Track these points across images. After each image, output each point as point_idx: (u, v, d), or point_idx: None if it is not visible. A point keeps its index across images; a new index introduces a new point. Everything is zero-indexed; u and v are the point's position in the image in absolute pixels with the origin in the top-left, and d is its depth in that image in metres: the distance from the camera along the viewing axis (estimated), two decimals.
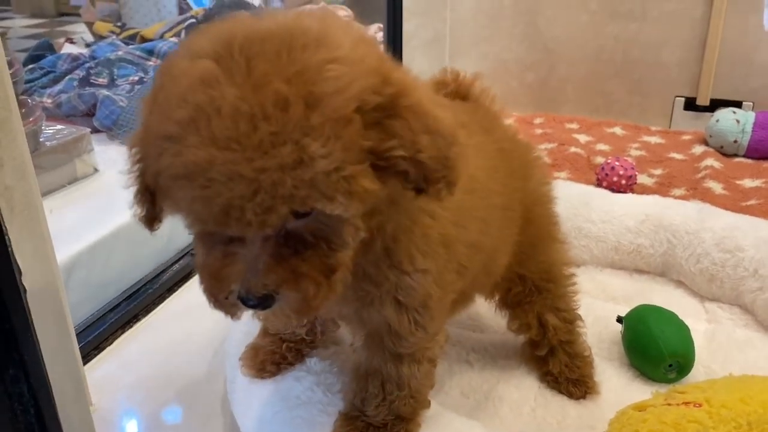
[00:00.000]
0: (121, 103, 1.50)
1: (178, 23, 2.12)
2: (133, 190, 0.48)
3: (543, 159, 0.79)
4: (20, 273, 0.60)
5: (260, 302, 0.44)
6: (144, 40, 2.11)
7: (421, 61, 1.87)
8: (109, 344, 0.96)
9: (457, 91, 0.74)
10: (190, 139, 0.39)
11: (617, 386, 0.81)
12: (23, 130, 0.61)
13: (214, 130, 0.39)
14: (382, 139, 0.42)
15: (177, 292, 1.08)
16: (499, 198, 0.65)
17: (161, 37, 2.08)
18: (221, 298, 0.45)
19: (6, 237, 0.57)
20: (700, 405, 0.64)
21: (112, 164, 1.38)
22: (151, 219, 0.49)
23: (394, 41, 1.84)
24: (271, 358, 0.72)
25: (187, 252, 1.16)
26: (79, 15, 2.87)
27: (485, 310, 0.94)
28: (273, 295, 0.43)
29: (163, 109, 0.42)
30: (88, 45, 2.63)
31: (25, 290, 0.60)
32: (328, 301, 0.46)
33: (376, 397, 0.61)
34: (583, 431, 0.75)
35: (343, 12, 2.19)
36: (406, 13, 1.83)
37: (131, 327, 1.00)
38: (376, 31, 2.13)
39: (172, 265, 1.12)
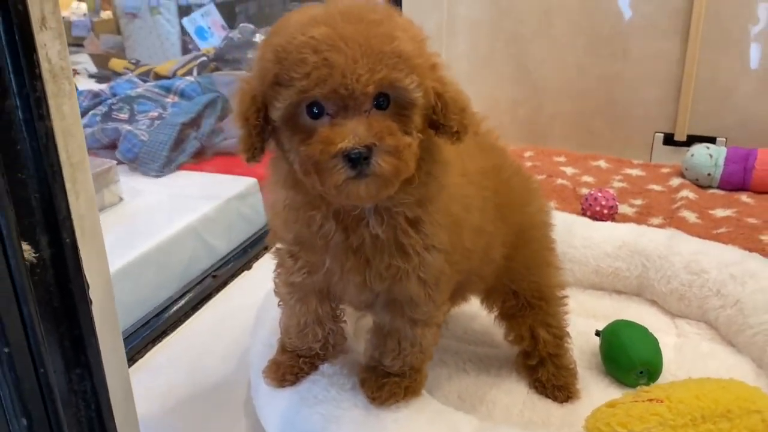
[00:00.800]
0: (142, 137, 1.62)
1: (190, 60, 2.26)
2: (241, 133, 0.62)
3: (542, 190, 0.92)
4: (88, 287, 0.71)
5: (364, 153, 0.56)
6: (158, 76, 2.25)
7: None
8: (141, 356, 1.07)
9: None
10: (314, 27, 0.57)
11: (595, 391, 0.92)
12: (89, 167, 0.73)
13: (332, 19, 0.57)
14: (427, 77, 0.59)
15: (200, 311, 1.19)
16: (492, 194, 0.79)
17: (174, 73, 2.22)
18: (327, 158, 0.57)
19: (80, 257, 0.68)
20: (662, 401, 0.75)
21: (135, 194, 1.50)
22: (257, 149, 0.62)
23: None
24: (290, 371, 0.82)
25: (208, 274, 1.27)
26: (81, 45, 2.99)
27: (479, 326, 1.05)
28: (373, 146, 0.56)
29: (282, 30, 0.59)
30: (91, 76, 2.75)
31: (90, 302, 0.72)
32: (403, 175, 0.60)
33: (393, 351, 0.76)
34: (564, 429, 0.86)
35: None
36: None
37: (160, 341, 1.11)
38: None
39: (195, 286, 1.24)
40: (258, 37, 2.22)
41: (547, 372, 0.91)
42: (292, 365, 0.82)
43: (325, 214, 0.65)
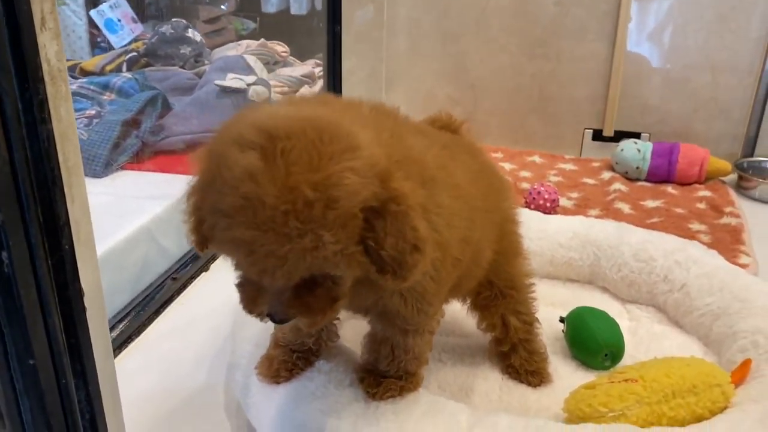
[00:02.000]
0: (80, 137, 1.56)
1: (119, 56, 2.17)
2: (188, 223, 0.62)
3: (513, 188, 0.94)
4: (83, 294, 0.69)
5: (282, 321, 0.60)
6: (84, 71, 2.15)
7: (359, 94, 2.01)
8: None
9: (448, 125, 0.91)
10: (239, 220, 0.53)
11: (564, 374, 0.98)
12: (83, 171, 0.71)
13: (258, 218, 0.52)
14: (367, 229, 0.56)
15: (163, 314, 1.17)
16: (479, 201, 0.79)
17: (102, 69, 2.13)
18: (254, 313, 0.61)
19: (76, 263, 0.66)
20: (636, 381, 0.82)
21: None
22: (203, 244, 0.62)
23: (334, 77, 1.99)
24: (284, 366, 0.83)
25: (167, 277, 1.25)
26: None
27: (449, 317, 1.09)
28: (291, 318, 0.59)
29: (220, 189, 0.55)
30: None
31: (85, 309, 0.70)
32: (331, 319, 0.63)
33: (386, 358, 0.78)
34: (541, 412, 0.91)
35: (281, 48, 2.31)
36: (345, 52, 1.99)
37: (126, 347, 1.08)
38: (313, 66, 2.27)
39: (155, 290, 1.21)
40: (191, 32, 2.17)
41: (519, 358, 0.96)
42: (285, 360, 0.83)
43: None
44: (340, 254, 0.55)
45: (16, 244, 0.49)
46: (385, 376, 0.79)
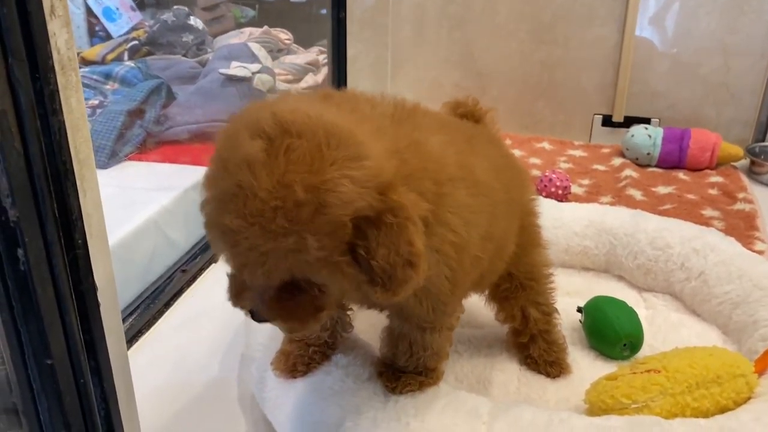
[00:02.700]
0: None
1: (120, 44, 2.15)
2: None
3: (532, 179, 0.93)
4: (97, 290, 0.67)
5: (262, 321, 0.60)
6: (84, 61, 2.13)
7: (364, 83, 2.00)
8: None
9: (472, 113, 0.89)
10: (230, 207, 0.52)
11: (582, 365, 0.96)
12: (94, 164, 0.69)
13: (247, 209, 0.51)
14: (359, 237, 0.54)
15: (173, 307, 1.15)
16: (502, 195, 0.76)
17: (103, 58, 2.10)
18: (238, 306, 0.61)
19: (89, 258, 0.65)
20: (659, 371, 0.81)
21: None
22: None
23: (339, 64, 1.97)
24: (300, 361, 0.82)
25: (176, 269, 1.23)
26: None
27: (466, 309, 1.07)
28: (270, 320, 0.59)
29: (218, 169, 0.54)
30: None
31: (99, 305, 0.68)
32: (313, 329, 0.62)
33: (405, 354, 0.77)
34: (561, 403, 0.90)
35: (284, 35, 2.28)
36: (350, 39, 1.96)
37: (136, 341, 1.07)
38: (317, 53, 2.25)
39: (165, 282, 1.19)
40: (193, 20, 2.14)
41: (538, 348, 0.94)
42: (302, 355, 0.81)
43: None
44: (324, 261, 0.53)
45: (32, 240, 0.48)
46: (404, 371, 0.78)
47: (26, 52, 0.55)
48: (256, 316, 0.59)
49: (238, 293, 0.59)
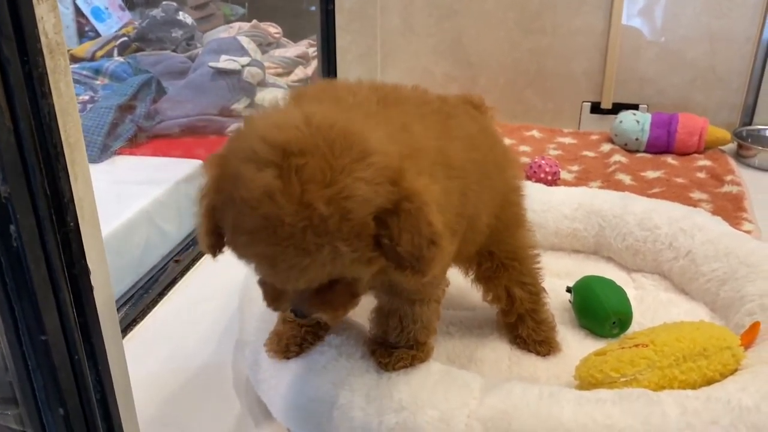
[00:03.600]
0: None
1: (109, 41, 2.15)
2: (200, 226, 0.61)
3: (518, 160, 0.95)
4: (89, 273, 0.68)
5: (305, 317, 0.64)
6: (74, 58, 2.13)
7: (355, 74, 2.00)
8: None
9: (477, 107, 0.91)
10: (260, 237, 0.54)
11: (572, 343, 0.98)
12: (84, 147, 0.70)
13: (278, 236, 0.54)
14: (382, 227, 0.56)
15: (167, 296, 1.16)
16: (475, 174, 0.77)
17: (93, 55, 2.10)
18: (278, 310, 0.66)
19: (81, 241, 0.65)
20: (647, 345, 0.82)
21: None
22: (216, 248, 0.62)
23: (329, 56, 1.97)
24: (293, 342, 0.83)
25: (170, 259, 1.24)
26: None
27: (455, 290, 1.08)
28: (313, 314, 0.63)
29: (240, 209, 0.55)
30: None
31: (92, 289, 0.69)
32: (349, 311, 0.65)
33: (396, 329, 0.79)
34: (551, 380, 0.91)
35: (273, 29, 2.29)
36: (339, 31, 1.97)
37: (131, 330, 1.07)
38: (307, 46, 2.25)
39: (158, 272, 1.20)
40: (182, 15, 2.14)
41: (527, 328, 0.95)
42: (294, 335, 0.83)
43: None
44: (357, 260, 0.56)
45: (24, 217, 0.48)
46: (395, 347, 0.80)
47: (15, 35, 0.55)
48: (299, 314, 0.63)
49: (275, 298, 0.63)
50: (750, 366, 0.83)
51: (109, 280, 0.75)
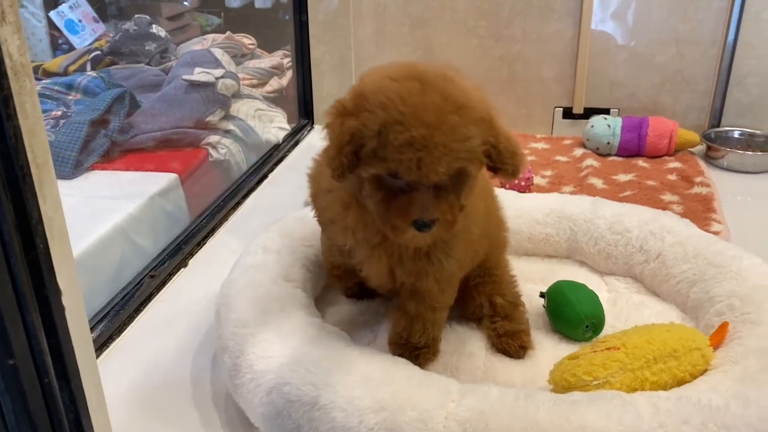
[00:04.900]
0: (48, 139, 1.53)
1: (82, 55, 2.14)
2: (333, 153, 0.73)
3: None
4: (61, 293, 0.68)
5: (430, 224, 0.73)
6: (46, 72, 2.12)
7: (329, 84, 2.02)
8: None
9: None
10: (412, 123, 0.68)
11: (547, 347, 0.99)
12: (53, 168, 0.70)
13: (426, 119, 0.68)
14: (487, 134, 0.72)
15: (143, 312, 1.15)
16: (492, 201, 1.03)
17: (65, 70, 2.09)
18: (400, 224, 0.73)
19: (51, 262, 0.65)
20: (618, 348, 0.83)
21: None
22: (343, 174, 0.74)
23: (303, 66, 1.98)
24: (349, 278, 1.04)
25: (146, 274, 1.23)
26: None
27: None
28: (436, 220, 0.73)
29: (386, 106, 0.70)
30: None
31: (64, 309, 0.68)
32: (453, 232, 0.77)
33: (419, 332, 0.92)
34: (527, 385, 0.92)
35: (248, 40, 2.29)
36: (313, 41, 1.98)
37: (107, 347, 1.07)
38: (281, 57, 2.26)
39: (133, 288, 1.19)
40: (155, 28, 2.14)
41: (503, 325, 0.99)
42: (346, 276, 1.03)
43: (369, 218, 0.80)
44: (478, 149, 0.71)
45: None
46: (417, 347, 0.92)
47: None
48: (426, 217, 0.72)
49: (402, 210, 0.73)
50: (719, 366, 0.85)
51: (81, 299, 0.75)
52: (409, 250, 0.82)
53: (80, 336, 0.76)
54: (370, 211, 0.77)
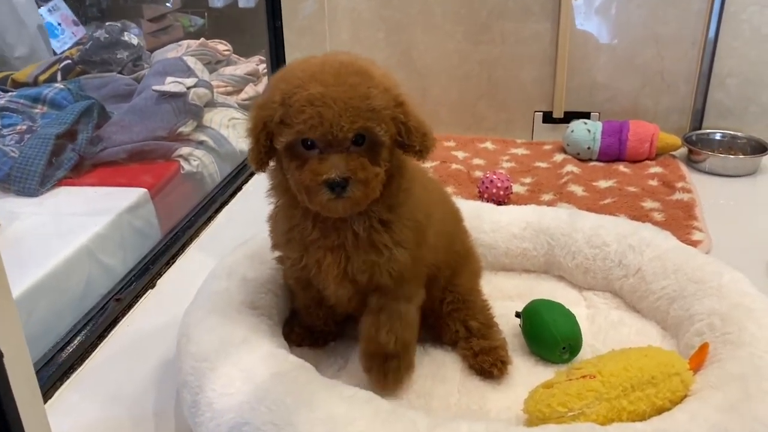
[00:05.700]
0: (11, 154, 1.48)
1: (52, 64, 2.08)
2: (252, 144, 0.79)
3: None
4: (2, 355, 0.63)
5: (342, 183, 0.74)
6: (16, 83, 2.06)
7: None
8: (50, 397, 0.98)
9: None
10: (310, 84, 0.72)
11: (524, 371, 0.96)
12: None
13: (324, 79, 0.73)
14: (395, 108, 0.76)
15: (107, 339, 1.11)
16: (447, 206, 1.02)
17: (35, 79, 2.04)
18: (314, 185, 0.75)
19: None
20: (594, 377, 0.80)
21: (12, 217, 1.38)
22: (263, 162, 0.80)
23: None
24: (307, 338, 1.01)
25: (110, 299, 1.19)
26: None
27: None
28: (349, 178, 0.74)
29: (287, 79, 0.75)
30: None
31: (1, 354, 0.64)
32: (370, 198, 0.78)
33: (386, 325, 0.87)
34: (501, 412, 0.88)
35: (222, 46, 2.24)
36: (288, 47, 1.94)
37: (68, 378, 1.02)
38: (257, 63, 2.21)
39: (97, 313, 1.15)
40: (127, 36, 2.09)
41: (478, 343, 0.97)
42: (306, 336, 1.01)
43: (305, 214, 0.83)
44: (383, 113, 0.74)
45: None
46: (387, 356, 0.88)
47: None
48: (338, 177, 0.74)
49: (315, 170, 0.75)
50: (699, 391, 0.82)
51: (23, 344, 0.70)
52: (357, 244, 0.83)
53: (24, 382, 0.71)
54: (294, 190, 0.79)
